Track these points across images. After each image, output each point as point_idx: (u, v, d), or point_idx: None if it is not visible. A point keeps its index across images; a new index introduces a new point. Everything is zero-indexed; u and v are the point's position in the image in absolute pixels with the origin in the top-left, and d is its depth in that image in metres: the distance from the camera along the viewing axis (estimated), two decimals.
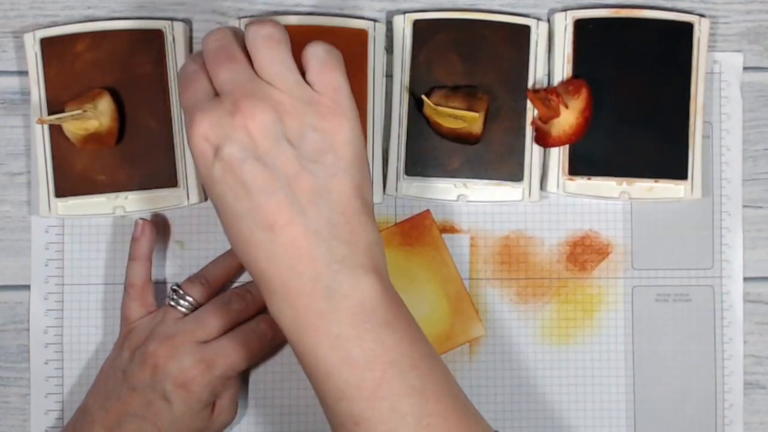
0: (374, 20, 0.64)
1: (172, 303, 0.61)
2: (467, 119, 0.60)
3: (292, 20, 0.63)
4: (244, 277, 0.65)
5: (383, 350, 0.48)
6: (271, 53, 0.49)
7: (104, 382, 0.60)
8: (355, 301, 0.48)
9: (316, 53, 0.50)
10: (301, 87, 0.49)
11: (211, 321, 0.60)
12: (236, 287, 0.63)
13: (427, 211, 0.65)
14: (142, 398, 0.58)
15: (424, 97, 0.60)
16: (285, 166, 0.47)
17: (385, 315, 0.48)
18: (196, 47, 0.65)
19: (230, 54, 0.49)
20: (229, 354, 0.59)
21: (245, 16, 0.64)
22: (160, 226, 0.64)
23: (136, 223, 0.62)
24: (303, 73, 0.50)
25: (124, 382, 0.59)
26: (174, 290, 0.62)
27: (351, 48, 0.63)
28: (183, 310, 0.61)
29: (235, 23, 0.64)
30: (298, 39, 0.62)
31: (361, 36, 0.63)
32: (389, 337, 0.48)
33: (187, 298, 0.61)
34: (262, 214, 0.47)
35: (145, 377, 0.58)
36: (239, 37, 0.50)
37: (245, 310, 0.61)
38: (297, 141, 0.48)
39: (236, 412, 0.62)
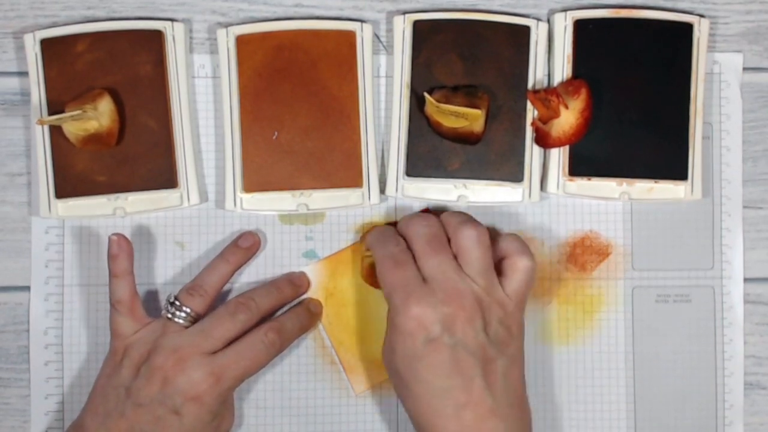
0: (362, 21, 0.64)
1: (169, 315, 0.60)
2: (470, 116, 0.59)
3: (280, 26, 0.63)
4: (240, 275, 0.65)
5: None
6: (481, 258, 0.58)
7: (103, 399, 0.59)
8: None
9: (522, 265, 0.59)
10: (497, 288, 0.58)
11: (218, 333, 0.59)
12: (239, 296, 0.62)
13: (426, 208, 0.65)
14: (149, 414, 0.57)
15: (426, 94, 0.60)
16: (482, 354, 0.56)
17: None
18: (196, 47, 0.65)
19: (441, 244, 0.59)
20: (238, 365, 0.58)
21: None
22: (154, 229, 0.65)
23: (110, 239, 0.61)
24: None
25: (128, 398, 0.58)
26: (171, 302, 0.60)
27: (340, 49, 0.63)
28: (181, 322, 0.60)
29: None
30: (287, 43, 0.63)
31: (349, 37, 0.63)
32: None
33: (185, 309, 0.60)
34: (458, 393, 0.55)
35: (153, 392, 0.57)
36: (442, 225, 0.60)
37: (250, 320, 0.60)
38: (490, 332, 0.57)
39: (234, 416, 0.62)
